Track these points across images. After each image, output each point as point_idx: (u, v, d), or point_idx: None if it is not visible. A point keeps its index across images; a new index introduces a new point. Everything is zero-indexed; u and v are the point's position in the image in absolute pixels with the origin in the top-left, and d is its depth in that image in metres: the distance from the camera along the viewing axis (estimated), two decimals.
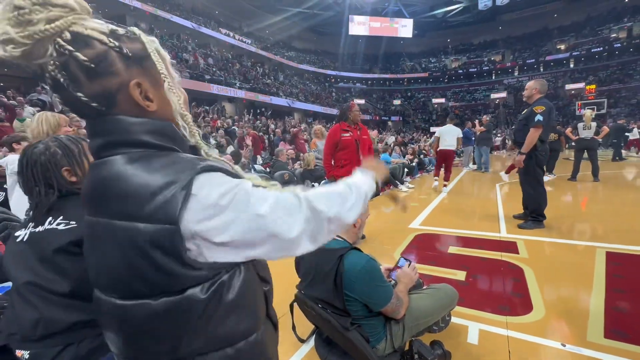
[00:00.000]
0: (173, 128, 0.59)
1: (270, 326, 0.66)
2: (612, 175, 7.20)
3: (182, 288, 0.51)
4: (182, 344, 0.52)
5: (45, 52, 0.47)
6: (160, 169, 0.51)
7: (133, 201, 0.49)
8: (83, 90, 0.50)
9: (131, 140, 0.54)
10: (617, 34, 29.74)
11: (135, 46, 0.55)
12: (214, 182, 0.51)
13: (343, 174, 3.16)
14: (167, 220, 0.47)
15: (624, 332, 1.63)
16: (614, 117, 21.25)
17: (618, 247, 2.78)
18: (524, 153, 3.37)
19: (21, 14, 0.44)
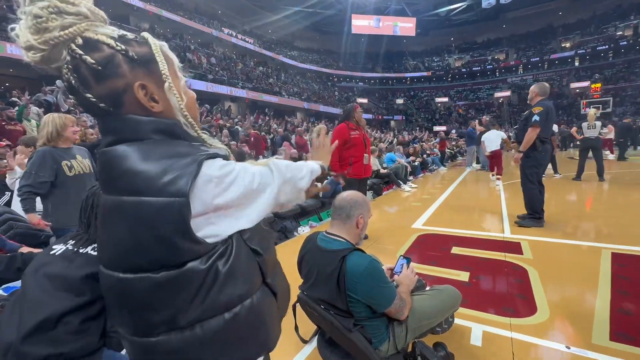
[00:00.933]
0: (180, 126, 0.62)
1: (269, 293, 0.69)
2: (617, 175, 7.13)
3: (183, 261, 0.54)
4: (182, 313, 0.55)
5: (61, 57, 0.52)
6: (169, 151, 0.56)
7: (143, 177, 0.53)
8: (92, 92, 0.54)
9: (139, 137, 0.57)
10: (623, 31, 29.37)
11: (143, 50, 0.59)
12: (217, 164, 0.57)
13: (353, 171, 3.26)
14: (177, 193, 0.51)
15: (630, 335, 1.61)
16: (619, 116, 21.02)
17: (624, 248, 2.75)
18: (521, 152, 3.51)
19: (39, 22, 0.50)
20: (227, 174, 0.57)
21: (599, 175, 6.26)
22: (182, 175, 0.52)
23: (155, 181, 0.52)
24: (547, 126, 3.39)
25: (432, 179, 8.41)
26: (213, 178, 0.55)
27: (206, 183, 0.55)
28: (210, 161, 0.57)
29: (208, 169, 0.55)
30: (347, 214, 1.36)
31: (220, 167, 0.57)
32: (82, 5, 0.53)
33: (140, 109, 0.58)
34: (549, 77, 31.62)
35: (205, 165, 0.55)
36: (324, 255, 1.32)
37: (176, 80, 0.63)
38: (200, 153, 0.57)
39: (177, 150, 0.57)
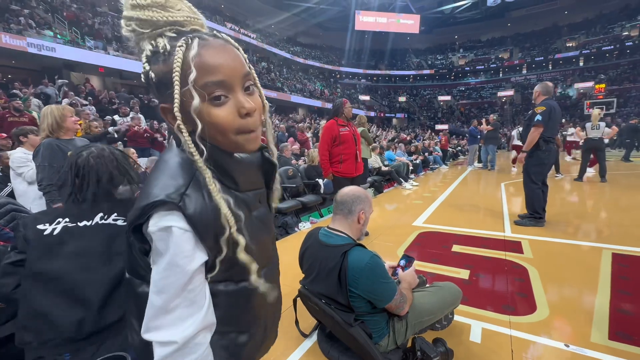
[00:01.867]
0: (211, 151, 0.54)
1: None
2: (620, 175, 7.10)
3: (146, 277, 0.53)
4: (141, 318, 0.54)
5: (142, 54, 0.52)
6: (170, 177, 0.53)
7: (148, 189, 0.53)
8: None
9: (182, 146, 0.57)
10: (629, 32, 29.10)
11: (164, 69, 0.50)
12: (159, 223, 0.49)
13: (344, 169, 3.17)
14: (133, 222, 0.51)
15: (629, 335, 1.62)
16: (623, 117, 20.90)
17: (624, 249, 2.75)
18: (525, 151, 3.51)
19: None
20: (158, 239, 0.49)
21: (601, 176, 6.25)
22: (142, 208, 0.49)
23: (138, 201, 0.53)
24: (551, 126, 3.37)
25: (434, 177, 8.40)
26: (147, 230, 0.50)
27: (146, 229, 0.50)
28: (164, 214, 0.49)
29: (154, 224, 0.49)
30: (349, 209, 1.37)
31: (158, 229, 0.49)
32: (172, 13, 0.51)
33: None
34: (553, 77, 31.43)
35: (156, 216, 0.49)
36: (325, 250, 1.33)
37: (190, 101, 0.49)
38: (171, 193, 0.50)
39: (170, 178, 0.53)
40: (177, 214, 0.49)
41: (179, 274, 0.49)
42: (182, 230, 0.49)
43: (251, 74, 0.56)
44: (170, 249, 0.49)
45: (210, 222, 0.51)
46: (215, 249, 0.53)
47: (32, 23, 11.22)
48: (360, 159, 3.32)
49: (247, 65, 0.55)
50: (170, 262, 0.49)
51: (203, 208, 0.51)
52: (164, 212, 0.49)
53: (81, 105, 7.14)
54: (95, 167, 1.03)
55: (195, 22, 0.53)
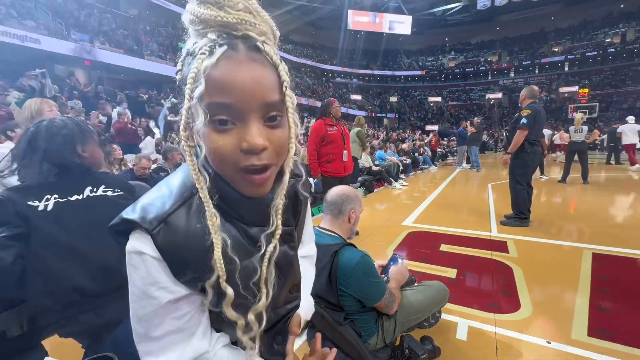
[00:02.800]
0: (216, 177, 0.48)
1: None
2: (602, 178, 7.35)
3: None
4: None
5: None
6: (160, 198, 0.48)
7: (140, 201, 0.50)
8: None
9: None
10: (612, 39, 30.13)
11: (184, 74, 0.44)
12: (136, 243, 0.44)
13: (332, 169, 3.17)
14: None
15: (608, 331, 1.69)
16: (604, 122, 21.62)
17: (604, 249, 2.85)
18: (509, 153, 3.62)
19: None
20: (129, 263, 0.45)
21: (583, 178, 6.46)
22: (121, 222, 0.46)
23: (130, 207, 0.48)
24: (536, 129, 3.46)
25: (423, 177, 8.51)
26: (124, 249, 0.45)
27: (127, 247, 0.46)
28: (137, 234, 0.45)
29: (129, 239, 0.45)
30: (340, 209, 1.38)
31: (131, 250, 0.44)
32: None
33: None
34: (539, 80, 32.24)
35: (133, 238, 0.45)
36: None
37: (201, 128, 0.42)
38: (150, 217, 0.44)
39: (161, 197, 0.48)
40: (149, 240, 0.44)
41: (155, 305, 0.44)
42: (155, 260, 0.44)
43: (282, 103, 0.44)
44: (142, 277, 0.44)
45: (188, 260, 0.45)
46: (195, 287, 0.47)
47: (13, 13, 10.82)
48: (349, 158, 3.33)
49: (280, 91, 0.44)
50: (144, 291, 0.44)
51: (181, 241, 0.45)
52: (138, 235, 0.44)
53: (65, 100, 6.94)
54: (46, 132, 1.05)
55: (251, 28, 0.42)
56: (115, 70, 14.36)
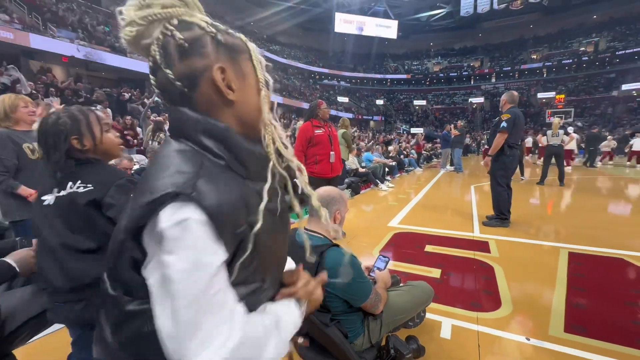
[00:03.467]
0: (229, 133, 0.55)
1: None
2: (578, 180, 7.68)
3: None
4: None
5: (153, 34, 0.53)
6: (176, 170, 0.49)
7: (150, 184, 0.49)
8: (172, 69, 0.53)
9: (188, 134, 0.54)
10: (586, 47, 31.67)
11: (231, 39, 0.58)
12: (173, 217, 0.44)
13: (319, 170, 3.17)
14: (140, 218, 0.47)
15: (583, 327, 1.76)
16: (578, 126, 22.62)
17: (579, 248, 2.98)
18: (490, 155, 3.73)
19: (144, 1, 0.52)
20: (173, 237, 0.44)
21: (559, 180, 6.73)
22: (144, 205, 0.46)
23: (137, 199, 0.49)
24: (515, 132, 3.59)
25: (409, 179, 8.65)
26: (156, 229, 0.45)
27: (152, 229, 0.46)
28: (172, 206, 0.45)
29: (161, 217, 0.45)
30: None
31: (173, 223, 0.44)
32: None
33: (215, 93, 0.55)
34: (519, 86, 33.44)
35: (169, 210, 0.45)
36: (302, 251, 1.32)
37: (264, 86, 0.62)
38: (181, 185, 0.46)
39: (181, 175, 0.48)
40: (192, 205, 0.45)
41: (204, 274, 0.44)
42: (201, 224, 0.45)
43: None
44: (190, 246, 0.44)
45: (229, 216, 0.48)
46: (233, 246, 0.49)
47: None
48: (337, 159, 3.33)
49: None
50: (194, 261, 0.44)
51: (219, 199, 0.47)
52: (178, 204, 0.45)
53: (41, 97, 6.65)
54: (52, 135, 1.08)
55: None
56: (95, 68, 13.90)
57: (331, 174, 3.25)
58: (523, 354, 1.57)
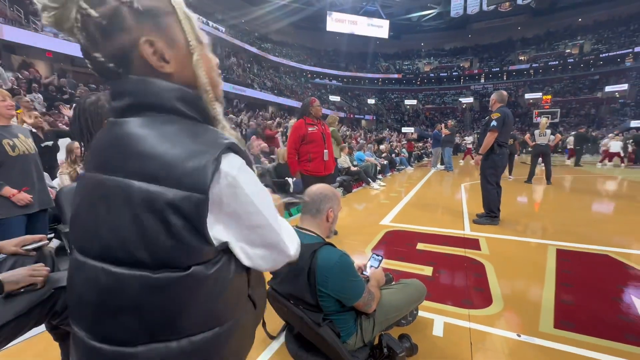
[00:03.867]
0: (202, 100, 0.57)
1: (251, 305, 0.65)
2: (564, 179, 7.85)
3: (188, 265, 0.49)
4: (170, 323, 0.50)
5: (70, 16, 0.49)
6: (189, 136, 0.51)
7: (161, 164, 0.47)
8: (100, 50, 0.51)
9: (161, 104, 0.52)
10: (571, 49, 32.48)
11: (152, 3, 0.52)
12: (237, 162, 0.53)
13: (312, 168, 3.15)
14: (196, 188, 0.47)
15: (571, 323, 1.78)
16: (564, 126, 23.21)
17: (567, 245, 3.03)
18: (480, 154, 3.77)
19: None
20: (244, 179, 0.52)
21: (546, 178, 6.87)
22: (203, 168, 0.48)
23: (173, 170, 0.47)
24: (505, 131, 3.63)
25: (400, 177, 8.70)
26: (228, 176, 0.50)
27: (222, 179, 0.50)
28: (230, 156, 0.52)
29: (227, 165, 0.50)
30: (317, 208, 1.35)
31: (239, 167, 0.52)
32: None
33: (149, 70, 0.52)
34: (507, 87, 34.09)
35: (224, 162, 0.50)
36: None
37: (199, 47, 0.57)
38: (221, 142, 0.51)
39: (200, 137, 0.51)
40: (233, 154, 0.53)
41: (268, 192, 0.59)
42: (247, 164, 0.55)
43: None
44: (253, 175, 0.55)
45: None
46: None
47: None
48: (330, 157, 3.31)
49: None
50: (262, 187, 0.57)
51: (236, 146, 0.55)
52: (228, 156, 0.52)
53: (23, 92, 6.42)
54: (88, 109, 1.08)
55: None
56: (81, 63, 13.52)
57: (324, 172, 3.23)
58: (514, 350, 1.58)
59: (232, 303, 0.57)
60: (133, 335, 0.49)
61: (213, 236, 0.50)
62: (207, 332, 0.53)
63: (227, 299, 0.56)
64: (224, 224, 0.52)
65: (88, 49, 0.50)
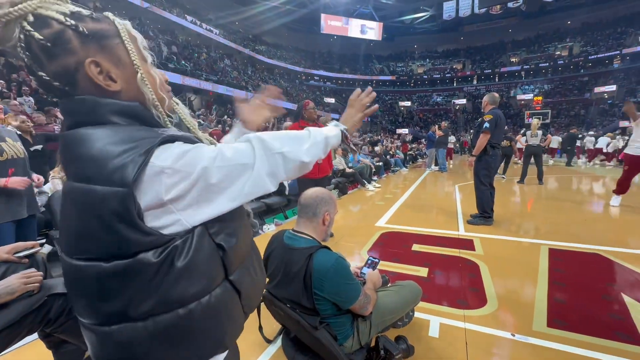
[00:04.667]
0: (142, 108, 0.59)
1: (231, 291, 0.65)
2: (556, 179, 7.97)
3: (134, 252, 0.52)
4: (132, 305, 0.54)
5: (13, 35, 0.50)
6: (122, 136, 0.53)
7: (93, 164, 0.51)
8: (45, 70, 0.53)
9: (98, 120, 0.55)
10: (561, 51, 33.08)
11: (97, 26, 0.56)
12: (172, 149, 0.54)
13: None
14: (121, 183, 0.49)
15: (564, 321, 1.81)
16: (555, 127, 23.58)
17: (559, 244, 3.08)
18: (474, 155, 3.81)
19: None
20: (183, 164, 0.53)
21: (538, 179, 6.97)
22: (128, 164, 0.50)
23: (103, 169, 0.50)
24: (497, 132, 3.68)
25: (395, 179, 8.74)
26: (165, 169, 0.52)
27: (157, 174, 0.52)
28: (163, 148, 0.54)
29: (158, 159, 0.52)
30: (314, 212, 1.36)
31: (176, 156, 0.53)
32: None
33: (95, 89, 0.56)
34: (499, 88, 34.54)
35: (155, 154, 0.52)
36: (290, 253, 1.30)
37: (144, 65, 0.61)
38: (155, 138, 0.54)
39: (133, 136, 0.54)
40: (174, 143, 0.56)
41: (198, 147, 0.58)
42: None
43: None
44: (198, 149, 0.57)
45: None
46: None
47: None
48: (326, 160, 3.32)
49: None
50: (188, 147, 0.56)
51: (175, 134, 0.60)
52: (167, 145, 0.55)
53: (14, 95, 6.31)
54: None
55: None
56: None
57: (319, 175, 3.24)
58: (509, 349, 1.60)
59: (195, 285, 0.58)
60: (105, 317, 0.55)
61: (165, 225, 0.54)
62: (169, 312, 0.56)
63: (187, 281, 0.56)
64: (177, 213, 0.54)
65: (32, 67, 0.52)
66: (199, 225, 0.58)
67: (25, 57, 0.51)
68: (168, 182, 0.52)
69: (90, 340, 0.59)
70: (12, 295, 0.98)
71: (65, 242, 0.57)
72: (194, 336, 0.59)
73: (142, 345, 0.55)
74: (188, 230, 0.57)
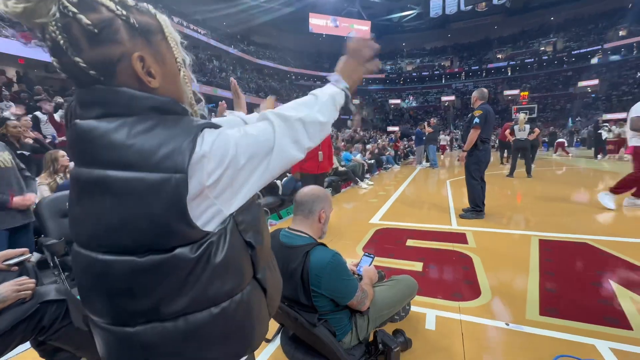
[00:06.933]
0: (176, 104, 0.58)
1: (259, 289, 0.65)
2: (544, 172, 8.14)
3: (172, 246, 0.50)
4: (165, 303, 0.52)
5: (48, 12, 0.45)
6: (164, 125, 0.51)
7: (135, 150, 0.48)
8: (82, 56, 0.48)
9: (132, 114, 0.52)
10: (545, 47, 33.77)
11: (144, 19, 0.54)
12: (210, 135, 0.53)
13: (307, 166, 3.24)
14: (175, 169, 0.48)
15: (555, 309, 1.86)
16: (542, 121, 24.08)
17: (548, 235, 3.15)
18: (465, 150, 3.86)
19: None
20: (217, 148, 0.52)
21: (527, 172, 7.11)
22: (180, 149, 0.48)
23: (149, 155, 0.48)
24: (487, 127, 3.74)
25: (387, 176, 8.81)
26: (206, 154, 0.50)
27: (199, 160, 0.50)
28: (204, 133, 0.53)
29: (200, 145, 0.51)
30: (310, 210, 1.36)
31: (212, 141, 0.52)
32: None
33: (134, 82, 0.53)
34: (486, 84, 35.08)
35: (199, 140, 0.51)
36: (287, 252, 1.31)
37: (184, 68, 0.62)
38: (195, 126, 0.53)
39: (175, 124, 0.52)
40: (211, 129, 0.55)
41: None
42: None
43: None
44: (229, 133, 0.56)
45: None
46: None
47: None
48: (326, 158, 3.42)
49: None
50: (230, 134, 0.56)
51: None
52: (207, 131, 0.53)
53: None
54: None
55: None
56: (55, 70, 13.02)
57: (318, 170, 3.38)
58: (504, 338, 1.63)
59: (229, 283, 0.57)
60: (130, 317, 0.52)
61: (202, 217, 0.52)
62: (202, 311, 0.54)
63: (221, 279, 0.55)
64: (215, 203, 0.53)
65: (67, 50, 0.47)
66: (230, 221, 0.56)
67: (60, 39, 0.46)
68: (209, 167, 0.50)
69: (105, 342, 0.56)
70: (4, 303, 0.96)
71: (87, 234, 0.53)
72: (225, 336, 0.58)
73: (169, 347, 0.53)
74: (220, 228, 0.55)
